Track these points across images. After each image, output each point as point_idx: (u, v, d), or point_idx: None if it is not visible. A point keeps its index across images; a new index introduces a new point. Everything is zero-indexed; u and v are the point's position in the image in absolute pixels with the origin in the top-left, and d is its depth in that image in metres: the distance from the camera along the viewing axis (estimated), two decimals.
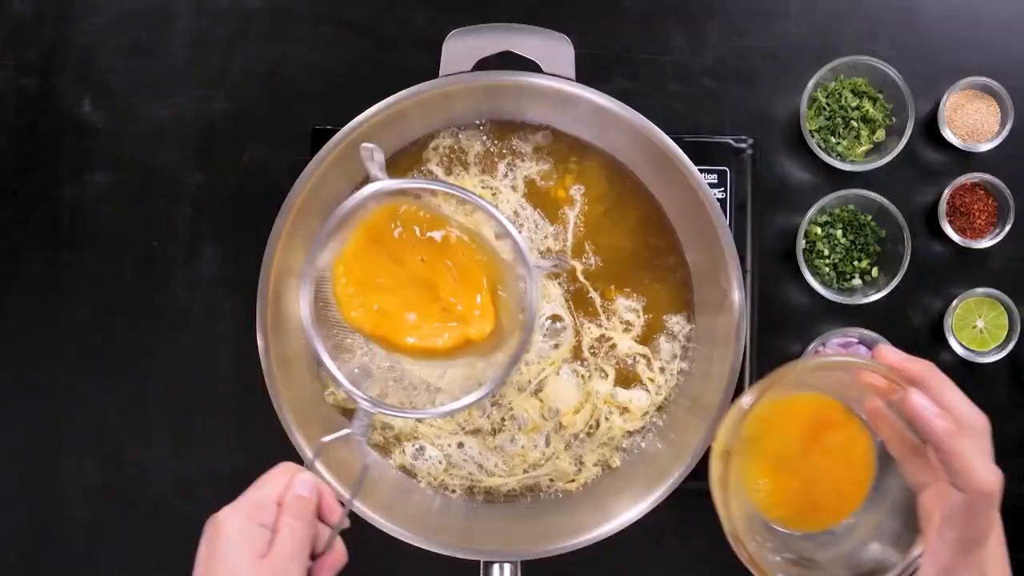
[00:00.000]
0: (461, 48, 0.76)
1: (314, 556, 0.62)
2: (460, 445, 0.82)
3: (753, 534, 0.62)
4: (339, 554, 0.63)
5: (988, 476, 0.55)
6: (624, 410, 0.82)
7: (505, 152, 0.83)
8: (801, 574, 0.62)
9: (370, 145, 0.67)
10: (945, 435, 0.55)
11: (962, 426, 0.56)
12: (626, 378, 0.83)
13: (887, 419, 0.62)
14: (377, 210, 0.71)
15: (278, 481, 0.62)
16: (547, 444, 0.82)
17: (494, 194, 0.82)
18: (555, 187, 0.83)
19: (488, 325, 0.71)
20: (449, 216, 0.72)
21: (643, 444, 0.83)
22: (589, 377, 0.82)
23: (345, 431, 0.67)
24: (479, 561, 0.76)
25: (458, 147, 0.83)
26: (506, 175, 0.83)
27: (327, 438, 0.67)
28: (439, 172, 0.83)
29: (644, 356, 0.82)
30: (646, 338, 0.83)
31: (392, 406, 0.68)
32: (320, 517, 0.63)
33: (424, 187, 0.71)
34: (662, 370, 0.83)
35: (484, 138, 0.83)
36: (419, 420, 0.67)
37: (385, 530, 0.76)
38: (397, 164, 0.83)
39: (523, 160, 0.83)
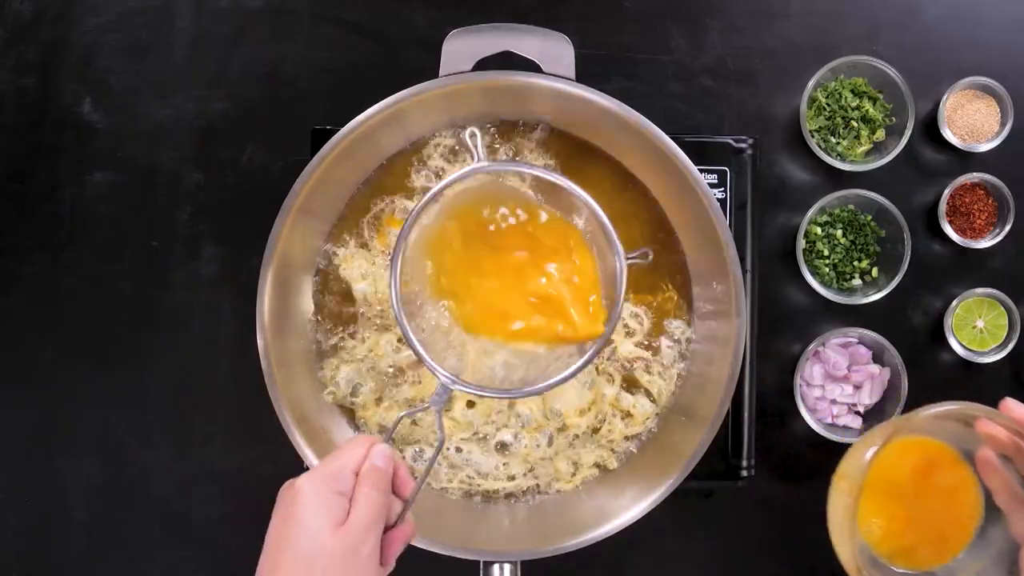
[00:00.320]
0: (461, 48, 0.76)
1: (385, 528, 0.62)
2: (459, 449, 0.82)
3: (863, 568, 0.64)
4: (409, 527, 0.64)
5: None
6: (627, 414, 0.82)
7: (510, 149, 0.83)
8: None
9: (473, 129, 0.69)
10: None
11: None
12: (629, 382, 0.83)
13: (998, 470, 0.64)
14: (476, 194, 0.72)
15: (356, 452, 0.62)
16: (549, 444, 0.82)
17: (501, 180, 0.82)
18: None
19: (600, 325, 0.71)
20: (550, 208, 0.73)
21: (641, 446, 0.83)
22: (591, 383, 0.82)
23: (425, 405, 0.68)
24: (479, 561, 0.76)
25: (459, 146, 0.83)
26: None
27: (404, 412, 0.68)
28: (443, 165, 0.82)
29: (645, 360, 0.82)
30: (648, 341, 0.83)
31: (469, 383, 0.69)
32: (393, 490, 0.63)
33: (526, 171, 0.71)
34: (660, 374, 0.83)
35: (486, 136, 0.83)
36: (440, 413, 0.68)
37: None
38: (394, 166, 0.83)
39: (530, 153, 0.83)
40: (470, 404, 0.82)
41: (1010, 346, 0.89)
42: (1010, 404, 0.61)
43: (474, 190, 0.72)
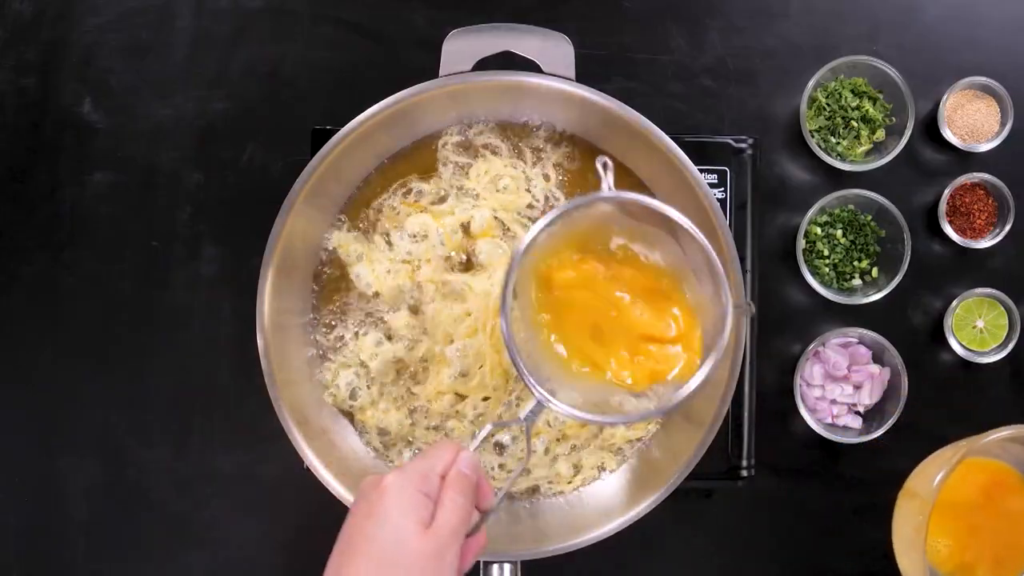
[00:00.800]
0: (461, 48, 0.76)
1: None
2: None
3: None
4: (483, 539, 0.63)
5: None
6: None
7: (523, 145, 0.83)
8: None
9: (605, 160, 0.67)
10: None
11: None
12: None
13: None
14: (587, 228, 0.70)
15: (443, 456, 0.62)
16: (546, 452, 0.82)
17: (529, 180, 0.82)
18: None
19: (692, 372, 0.69)
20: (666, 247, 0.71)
21: (641, 447, 0.83)
22: None
23: (517, 419, 0.67)
24: (479, 561, 0.76)
25: (467, 142, 0.83)
26: (535, 163, 0.83)
27: (495, 423, 0.67)
28: (459, 159, 0.82)
29: None
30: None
31: (561, 403, 0.67)
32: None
33: (655, 207, 0.68)
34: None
35: (495, 135, 0.83)
36: (529, 429, 0.67)
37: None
38: (395, 165, 0.83)
39: (545, 153, 0.83)
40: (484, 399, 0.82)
41: (1010, 346, 0.89)
42: None
43: (592, 218, 0.71)
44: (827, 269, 0.90)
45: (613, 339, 0.72)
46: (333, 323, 0.83)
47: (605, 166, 0.68)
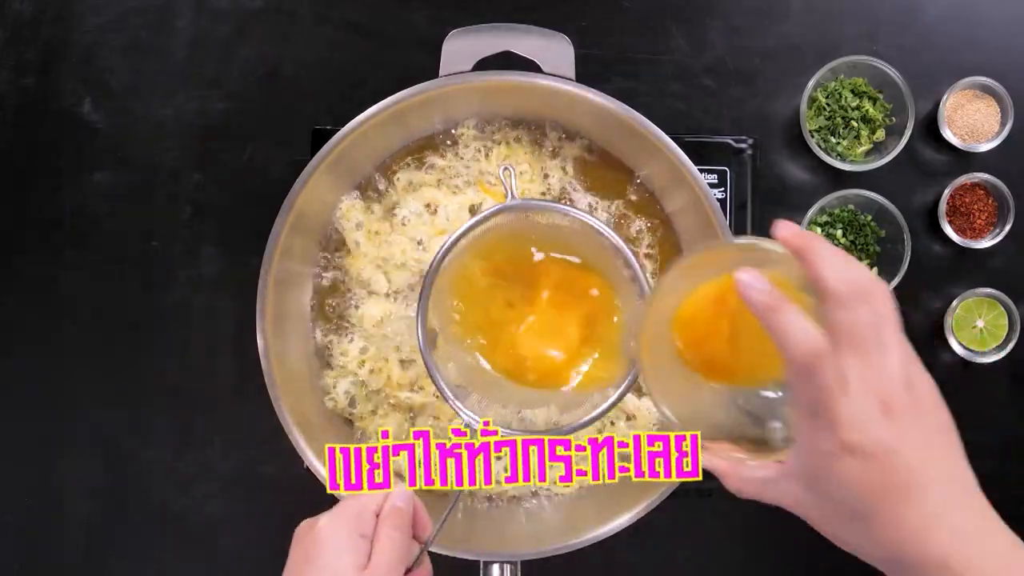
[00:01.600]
0: (461, 48, 0.76)
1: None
2: None
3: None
4: (427, 571, 0.63)
5: (800, 344, 0.50)
6: (631, 416, 0.82)
7: (543, 138, 0.83)
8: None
9: (507, 165, 0.68)
10: (763, 310, 0.51)
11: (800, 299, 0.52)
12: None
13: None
14: (500, 236, 0.71)
15: (375, 492, 0.62)
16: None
17: (546, 176, 0.82)
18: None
19: (622, 369, 0.70)
20: (576, 246, 0.72)
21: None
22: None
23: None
24: (479, 561, 0.76)
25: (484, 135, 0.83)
26: (554, 156, 0.83)
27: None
28: (480, 143, 0.82)
29: None
30: None
31: (493, 424, 0.68)
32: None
33: (556, 209, 0.70)
34: None
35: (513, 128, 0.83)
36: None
37: None
38: (395, 165, 0.83)
39: (563, 149, 0.83)
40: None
41: (1010, 346, 0.89)
42: (779, 224, 0.53)
43: (504, 227, 0.72)
44: None
45: (537, 349, 0.72)
46: (330, 315, 0.82)
47: (507, 172, 0.68)
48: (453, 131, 0.83)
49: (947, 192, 0.89)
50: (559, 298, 0.72)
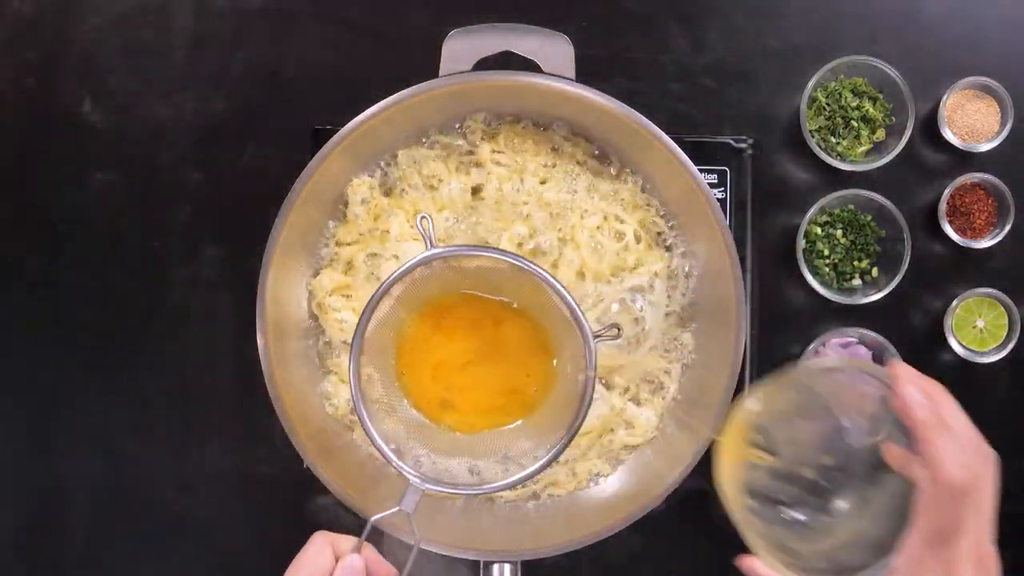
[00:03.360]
0: (461, 48, 0.76)
1: None
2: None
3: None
4: None
5: (956, 469, 0.55)
6: (629, 425, 0.82)
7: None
8: (785, 560, 0.63)
9: (424, 214, 0.68)
10: (924, 425, 0.56)
11: (947, 426, 0.57)
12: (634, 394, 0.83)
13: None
14: (427, 285, 0.72)
15: (320, 563, 0.60)
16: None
17: (554, 164, 0.82)
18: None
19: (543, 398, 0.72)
20: (503, 286, 0.73)
21: (640, 453, 0.83)
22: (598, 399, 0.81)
23: (395, 508, 0.66)
24: (479, 561, 0.76)
25: (464, 143, 0.83)
26: (556, 151, 0.83)
27: (376, 517, 0.64)
28: (488, 128, 0.82)
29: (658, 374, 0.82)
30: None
31: (444, 483, 0.68)
32: None
33: (480, 253, 0.70)
34: (662, 386, 0.82)
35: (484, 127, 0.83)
36: (412, 517, 0.66)
37: (386, 529, 0.76)
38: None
39: (566, 147, 0.83)
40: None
41: (1010, 346, 0.89)
42: (898, 367, 0.60)
43: (431, 276, 0.71)
44: (827, 269, 0.90)
45: (472, 392, 0.75)
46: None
47: (424, 220, 0.68)
48: (457, 126, 0.83)
49: (947, 192, 0.89)
50: (492, 341, 0.74)
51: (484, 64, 0.76)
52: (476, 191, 0.81)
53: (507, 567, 0.76)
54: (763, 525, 0.66)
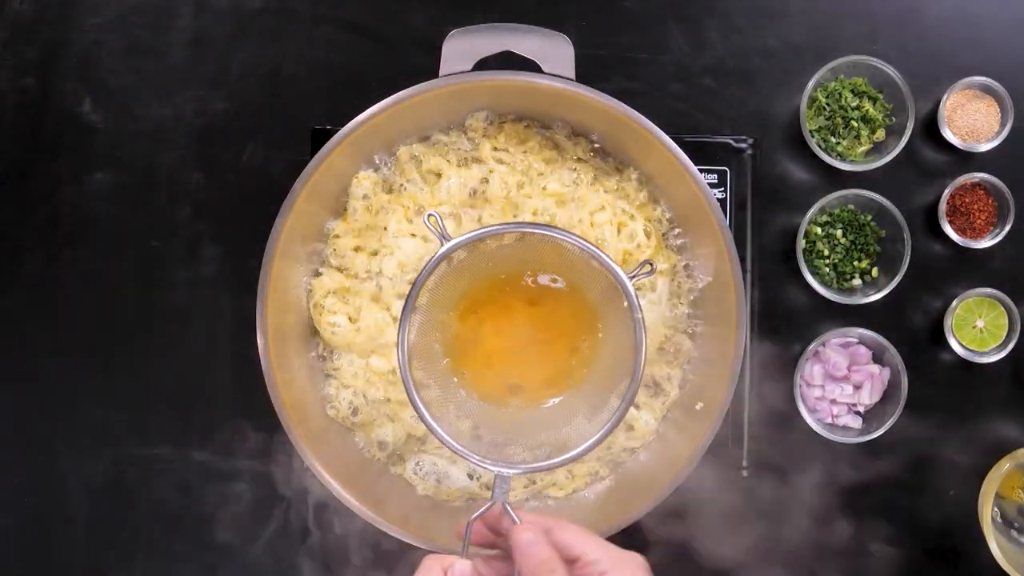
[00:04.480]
0: (461, 48, 0.76)
1: None
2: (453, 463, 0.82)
3: None
4: None
5: None
6: (629, 428, 0.82)
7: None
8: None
9: (431, 212, 0.68)
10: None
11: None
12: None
13: None
14: (453, 277, 0.72)
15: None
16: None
17: (557, 161, 0.82)
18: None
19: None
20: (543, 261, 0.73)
21: (639, 455, 0.83)
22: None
23: (490, 503, 0.66)
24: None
25: (463, 144, 0.83)
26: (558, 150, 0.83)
27: (474, 516, 0.65)
28: (489, 125, 0.82)
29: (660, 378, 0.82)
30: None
31: (526, 464, 0.68)
32: None
33: (498, 231, 0.69)
34: (662, 390, 0.82)
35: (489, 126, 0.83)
36: (506, 504, 0.66)
37: (384, 529, 0.77)
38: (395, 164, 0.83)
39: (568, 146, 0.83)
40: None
41: (1010, 346, 0.89)
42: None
43: (452, 272, 0.72)
44: (827, 269, 0.90)
45: (518, 369, 0.75)
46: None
47: (433, 218, 0.68)
48: (458, 126, 0.83)
49: (947, 192, 0.89)
50: (533, 318, 0.74)
51: (484, 64, 0.76)
52: (477, 191, 0.81)
53: None
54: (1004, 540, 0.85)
